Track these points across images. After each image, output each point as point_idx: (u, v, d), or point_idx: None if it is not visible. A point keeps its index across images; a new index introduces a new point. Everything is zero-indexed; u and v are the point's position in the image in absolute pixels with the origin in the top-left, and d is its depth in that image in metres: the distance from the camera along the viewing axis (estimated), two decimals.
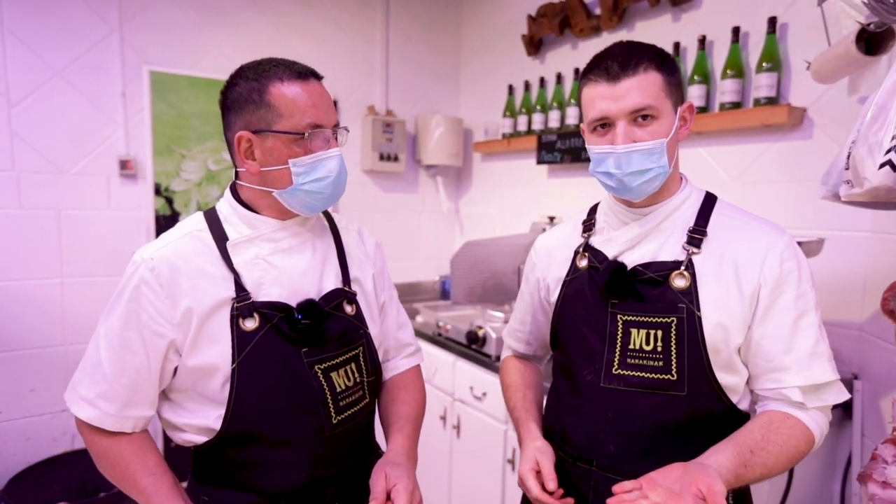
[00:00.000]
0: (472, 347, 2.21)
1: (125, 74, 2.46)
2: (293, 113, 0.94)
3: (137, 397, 0.95)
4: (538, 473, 1.04)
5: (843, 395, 0.99)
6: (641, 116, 0.97)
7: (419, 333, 2.53)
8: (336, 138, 1.00)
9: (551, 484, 1.01)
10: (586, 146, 1.05)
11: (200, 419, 0.97)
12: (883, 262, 1.59)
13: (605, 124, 1.00)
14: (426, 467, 2.55)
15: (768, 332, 0.98)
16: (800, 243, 1.48)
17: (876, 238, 1.61)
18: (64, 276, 2.40)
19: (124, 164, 2.46)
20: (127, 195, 2.50)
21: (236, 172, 1.03)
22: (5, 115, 2.25)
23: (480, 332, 2.17)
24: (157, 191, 2.55)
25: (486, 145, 3.03)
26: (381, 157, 3.04)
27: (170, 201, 2.58)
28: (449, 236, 3.42)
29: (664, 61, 0.99)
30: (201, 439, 0.97)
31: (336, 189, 1.00)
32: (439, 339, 2.40)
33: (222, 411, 0.95)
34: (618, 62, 0.96)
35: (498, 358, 2.09)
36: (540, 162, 2.63)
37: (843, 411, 1.65)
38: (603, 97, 0.97)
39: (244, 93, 0.95)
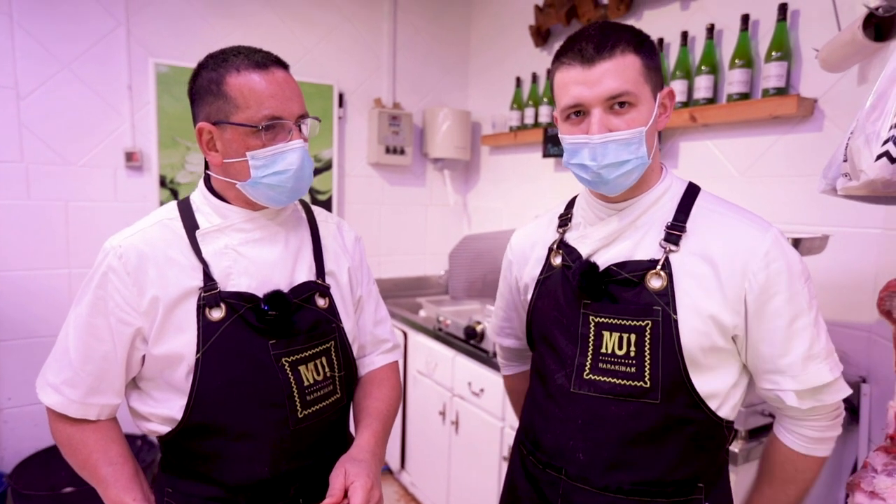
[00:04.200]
0: (471, 342, 2.20)
1: (132, 67, 2.49)
2: (249, 104, 0.92)
3: (103, 385, 0.96)
4: None
5: (842, 393, 0.95)
6: (619, 103, 0.91)
7: (421, 328, 2.53)
8: (300, 130, 0.98)
9: None
10: (559, 136, 1.00)
11: (165, 409, 0.97)
12: (895, 260, 1.52)
13: (578, 112, 0.94)
14: (425, 462, 2.55)
15: (762, 336, 0.94)
16: (800, 240, 1.42)
17: (887, 235, 1.54)
18: (71, 267, 2.46)
19: (130, 157, 2.50)
20: (133, 187, 2.54)
21: (206, 162, 1.03)
22: (14, 108, 2.30)
23: (479, 328, 2.15)
24: (163, 183, 2.58)
25: (494, 138, 3.01)
26: (388, 150, 3.03)
27: (175, 193, 2.61)
28: (456, 230, 3.41)
29: (642, 43, 0.93)
30: (165, 429, 0.97)
31: (299, 182, 0.98)
32: (439, 335, 2.40)
33: (184, 401, 0.95)
34: (593, 44, 0.90)
35: (496, 354, 2.06)
36: (546, 155, 2.59)
37: (850, 416, 1.59)
38: (576, 82, 0.91)
39: (204, 83, 0.95)
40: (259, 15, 2.75)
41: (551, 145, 2.57)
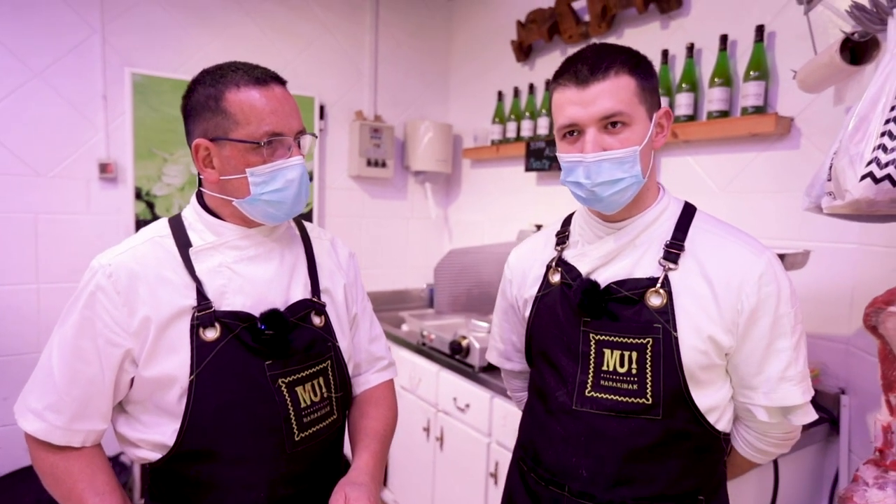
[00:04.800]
0: (456, 358, 2.19)
1: (106, 76, 2.43)
2: (250, 120, 0.92)
3: (89, 409, 0.93)
4: None
5: (809, 417, 1.00)
6: (612, 123, 0.93)
7: (404, 343, 2.51)
8: (299, 146, 0.98)
9: None
10: (557, 154, 1.02)
11: (156, 434, 0.94)
12: (870, 274, 1.58)
13: (574, 131, 0.97)
14: (409, 479, 2.52)
15: (743, 356, 0.98)
16: (784, 255, 1.46)
17: (863, 250, 1.60)
18: (40, 282, 2.37)
19: (104, 168, 2.44)
20: (107, 199, 2.47)
21: (200, 179, 1.02)
22: None
23: (464, 342, 2.15)
24: (138, 195, 2.52)
25: (476, 152, 3.02)
26: (369, 163, 3.02)
27: (151, 206, 2.55)
28: (437, 243, 3.40)
29: (638, 65, 0.96)
30: (156, 456, 0.94)
31: (297, 199, 0.98)
32: (423, 349, 2.38)
33: (178, 425, 0.92)
34: (588, 65, 0.93)
35: (482, 369, 2.07)
36: (528, 169, 2.62)
37: (831, 426, 1.63)
38: (572, 102, 0.94)
39: (201, 99, 0.94)
40: (239, 26, 2.73)
41: (534, 159, 2.59)
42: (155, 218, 2.55)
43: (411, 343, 2.46)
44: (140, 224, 2.52)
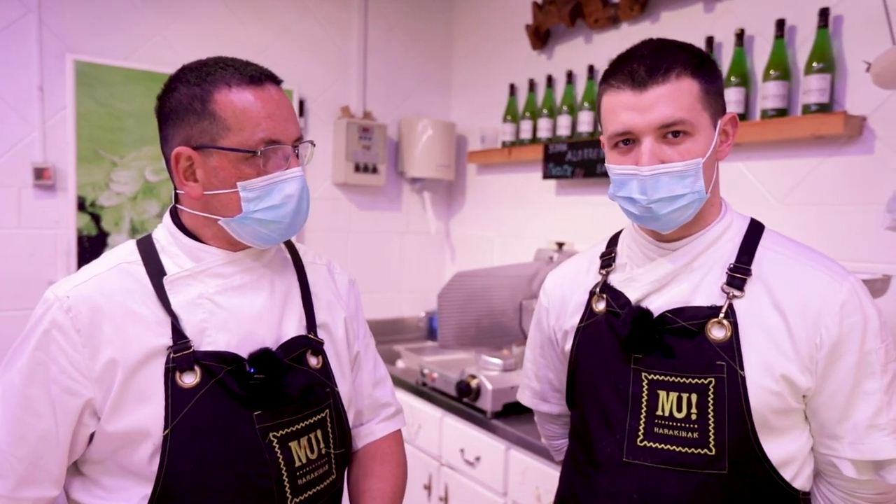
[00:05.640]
0: (464, 401, 2.18)
1: (44, 64, 2.43)
2: (243, 126, 0.92)
3: (38, 473, 0.91)
4: None
5: None
6: (672, 133, 0.96)
7: (399, 382, 2.49)
8: (297, 155, 0.99)
9: None
10: (606, 165, 1.04)
11: (120, 501, 0.93)
12: None
13: (628, 140, 0.99)
14: None
15: (823, 398, 0.97)
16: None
17: None
18: None
19: (40, 173, 2.42)
20: (43, 210, 2.45)
21: (176, 195, 1.02)
22: None
23: (474, 383, 2.14)
24: (82, 206, 2.51)
25: (483, 155, 3.03)
26: (357, 169, 3.03)
27: (97, 219, 2.54)
28: (437, 264, 3.41)
29: (702, 65, 0.98)
30: None
31: (296, 217, 0.99)
32: (423, 390, 2.37)
33: (149, 490, 0.91)
34: (645, 66, 0.95)
35: (495, 415, 2.06)
36: (547, 176, 2.63)
37: None
38: (626, 108, 0.96)
39: (184, 100, 0.94)
40: (203, 5, 2.73)
41: (553, 164, 2.61)
42: (101, 233, 2.54)
43: (409, 383, 2.45)
44: (83, 241, 2.50)
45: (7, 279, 2.40)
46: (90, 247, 2.50)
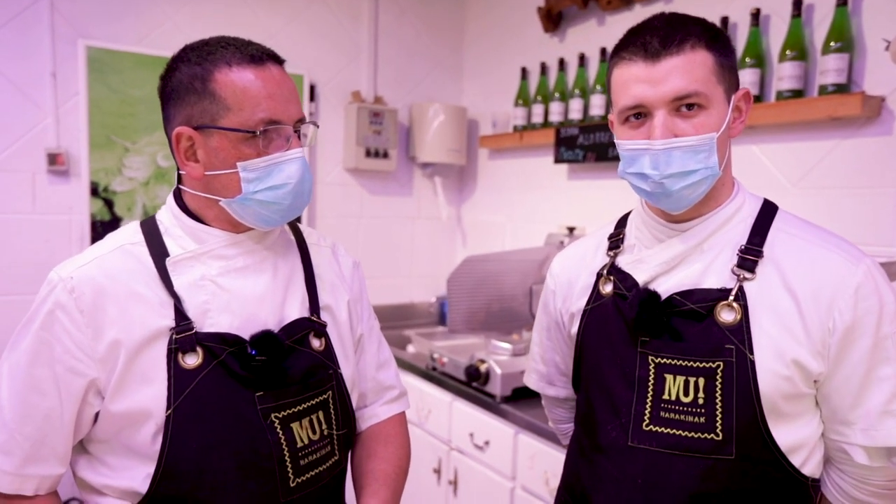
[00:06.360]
0: (474, 385, 2.18)
1: (56, 50, 2.44)
2: (243, 106, 0.92)
3: (44, 450, 0.93)
4: None
5: None
6: (686, 105, 0.94)
7: (409, 367, 2.51)
8: (298, 136, 0.99)
9: None
10: (615, 141, 1.02)
11: (125, 480, 0.94)
12: None
13: (639, 114, 0.97)
14: None
15: (836, 383, 0.96)
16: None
17: None
18: None
19: (54, 159, 2.44)
20: (56, 196, 2.48)
21: (179, 175, 1.02)
22: None
23: (483, 367, 2.14)
24: (95, 191, 2.52)
25: (495, 140, 3.02)
26: (368, 154, 3.03)
27: (109, 204, 2.56)
28: (448, 249, 3.41)
29: (716, 38, 0.97)
30: None
31: (297, 199, 0.99)
32: (433, 375, 2.38)
33: (152, 469, 0.92)
34: (658, 37, 0.94)
35: (504, 399, 2.06)
36: (558, 160, 2.61)
37: None
38: (639, 80, 0.95)
39: (185, 80, 0.94)
40: None
41: (565, 148, 2.59)
42: (114, 218, 2.56)
43: (419, 367, 2.46)
44: (96, 226, 2.52)
45: (22, 264, 2.43)
46: (104, 232, 2.47)
